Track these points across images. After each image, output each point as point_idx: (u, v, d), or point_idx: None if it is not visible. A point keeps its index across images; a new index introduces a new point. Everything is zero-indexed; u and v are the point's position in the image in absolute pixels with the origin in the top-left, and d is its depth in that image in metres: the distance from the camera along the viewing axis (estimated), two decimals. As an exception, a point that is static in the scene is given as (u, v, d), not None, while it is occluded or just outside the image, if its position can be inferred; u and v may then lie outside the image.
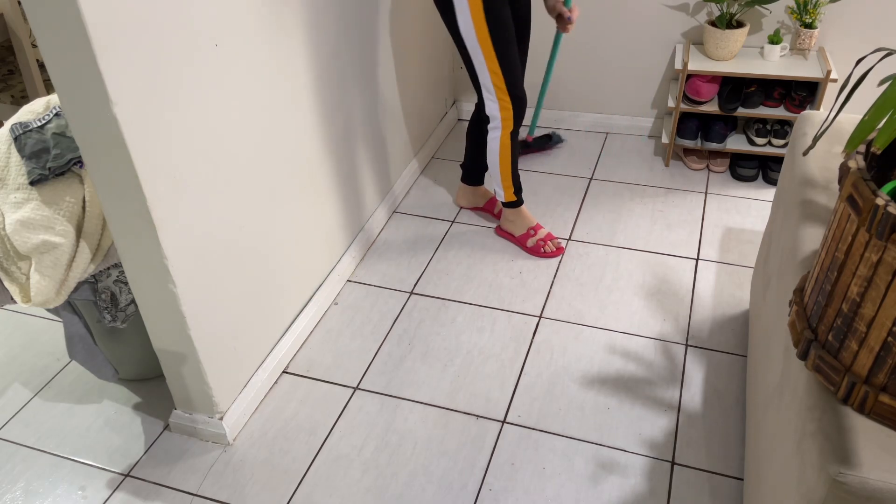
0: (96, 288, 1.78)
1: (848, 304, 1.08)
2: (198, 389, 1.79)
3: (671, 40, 2.87)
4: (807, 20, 2.59)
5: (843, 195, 1.08)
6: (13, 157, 1.69)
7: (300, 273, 2.12)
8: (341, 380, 2.03)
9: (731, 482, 1.72)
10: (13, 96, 3.41)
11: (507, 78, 2.13)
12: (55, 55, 1.31)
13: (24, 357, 2.16)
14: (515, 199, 2.42)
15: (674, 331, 2.13)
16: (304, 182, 2.05)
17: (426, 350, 2.11)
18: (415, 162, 2.87)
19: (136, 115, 1.39)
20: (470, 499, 1.71)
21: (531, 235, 2.45)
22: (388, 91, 2.52)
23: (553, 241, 2.44)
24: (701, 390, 1.94)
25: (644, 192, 2.75)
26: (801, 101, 2.65)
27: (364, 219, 2.50)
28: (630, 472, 1.75)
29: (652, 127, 3.08)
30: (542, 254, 2.43)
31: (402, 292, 2.33)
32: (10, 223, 1.66)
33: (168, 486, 1.77)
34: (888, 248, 0.99)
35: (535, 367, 2.03)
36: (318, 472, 1.79)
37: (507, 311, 2.23)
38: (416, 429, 1.88)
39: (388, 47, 2.47)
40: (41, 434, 1.92)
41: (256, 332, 1.94)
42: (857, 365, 1.09)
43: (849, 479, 1.02)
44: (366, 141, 2.41)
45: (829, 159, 1.63)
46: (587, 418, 1.88)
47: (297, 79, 1.92)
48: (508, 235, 2.52)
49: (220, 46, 1.59)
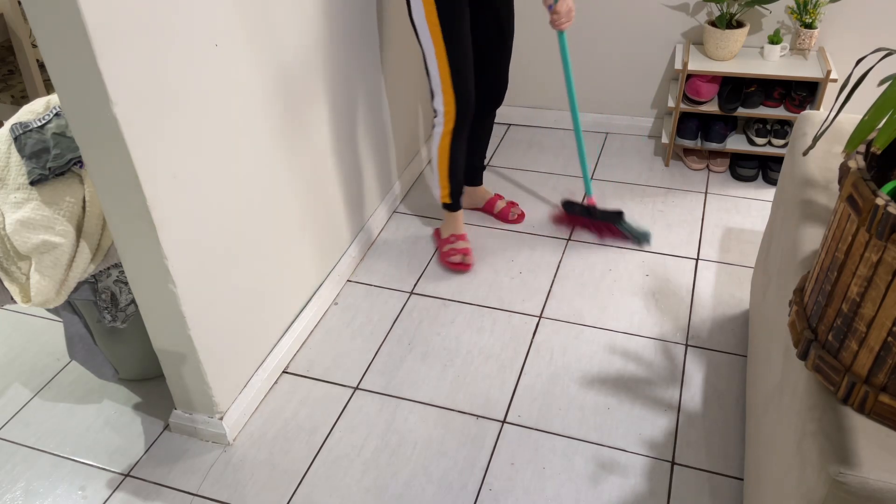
0: (96, 288, 1.78)
1: (848, 304, 1.08)
2: (198, 389, 1.79)
3: (671, 40, 2.87)
4: (807, 20, 2.59)
5: (843, 195, 1.08)
6: (13, 157, 1.70)
7: (300, 273, 2.12)
8: (341, 380, 2.03)
9: (731, 482, 1.72)
10: (13, 96, 3.41)
11: (453, 75, 2.10)
12: (55, 55, 1.31)
13: (24, 357, 2.16)
14: (450, 201, 2.37)
15: (674, 331, 2.13)
16: (305, 182, 2.05)
17: (426, 350, 2.11)
18: (415, 162, 2.87)
19: (136, 115, 1.39)
20: (470, 499, 1.71)
21: (449, 242, 2.41)
22: (388, 91, 2.52)
23: (466, 256, 2.38)
24: (701, 390, 1.94)
25: (644, 192, 2.75)
26: (801, 101, 2.65)
27: (364, 219, 2.50)
28: (630, 472, 1.75)
29: (652, 127, 3.08)
30: (448, 262, 2.39)
31: (402, 292, 2.33)
32: (10, 223, 1.66)
33: (168, 486, 1.77)
34: (888, 248, 0.99)
35: (535, 367, 2.03)
36: (318, 472, 1.79)
37: (507, 311, 2.23)
38: (416, 429, 1.88)
39: (389, 47, 2.47)
40: (41, 434, 1.92)
41: (256, 332, 1.94)
42: (857, 365, 1.09)
43: (849, 479, 1.02)
44: (366, 141, 2.41)
45: (829, 159, 1.63)
46: (587, 418, 1.88)
47: (296, 79, 1.92)
48: (437, 235, 2.51)
49: (220, 46, 1.59)
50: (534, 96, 3.17)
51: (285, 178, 1.95)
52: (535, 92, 3.16)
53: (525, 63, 3.09)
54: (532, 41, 3.03)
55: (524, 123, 3.24)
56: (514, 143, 3.10)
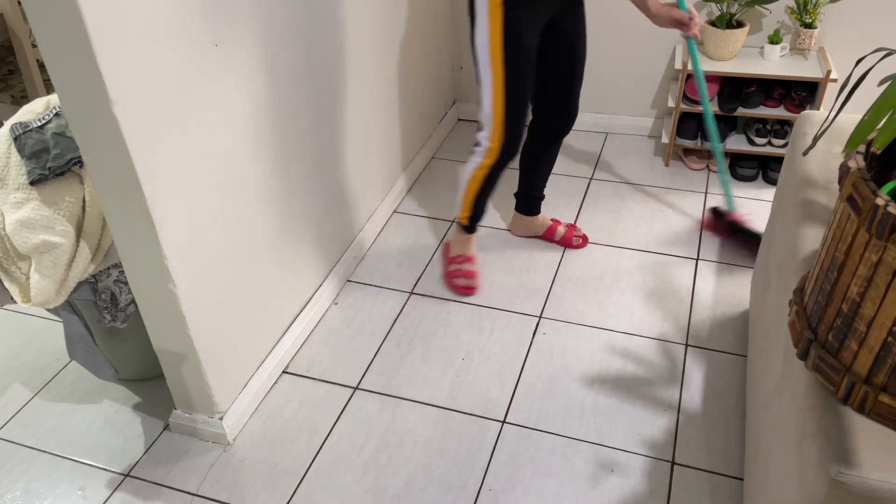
0: (96, 288, 1.78)
1: (848, 304, 1.08)
2: (198, 389, 1.79)
3: (671, 40, 2.87)
4: (807, 20, 2.59)
5: (843, 195, 1.08)
6: (13, 157, 1.69)
7: (300, 273, 2.12)
8: (341, 380, 2.03)
9: (731, 482, 1.72)
10: (13, 96, 3.41)
11: (507, 115, 1.95)
12: (55, 55, 1.31)
13: (24, 357, 2.16)
14: (468, 224, 2.26)
15: (674, 331, 2.13)
16: (304, 182, 2.05)
17: (426, 350, 2.11)
18: (415, 162, 2.87)
19: (136, 115, 1.39)
20: (470, 499, 1.71)
21: (457, 262, 2.31)
22: (388, 91, 2.52)
23: (471, 280, 2.28)
24: (701, 390, 1.94)
25: (644, 192, 2.75)
26: (801, 101, 2.65)
27: (364, 219, 2.50)
28: (630, 472, 1.75)
29: (652, 127, 3.08)
30: (453, 285, 2.29)
31: (402, 292, 2.33)
32: (10, 223, 1.66)
33: (168, 486, 1.77)
34: (888, 248, 0.99)
35: (535, 367, 2.03)
36: (318, 472, 1.79)
37: (507, 311, 2.23)
38: (416, 429, 1.88)
39: (389, 47, 2.47)
40: (41, 434, 1.92)
41: (256, 332, 1.94)
42: (857, 365, 1.09)
43: (849, 479, 1.02)
44: (366, 141, 2.41)
45: (829, 159, 1.63)
46: (587, 418, 1.88)
47: (296, 79, 1.92)
48: (446, 251, 2.39)
49: (219, 46, 1.59)
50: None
51: (285, 178, 1.95)
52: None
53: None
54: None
55: (524, 123, 3.23)
56: (514, 143, 3.10)
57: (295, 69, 1.90)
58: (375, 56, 2.38)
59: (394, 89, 2.57)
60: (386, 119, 2.54)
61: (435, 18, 2.87)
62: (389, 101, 2.55)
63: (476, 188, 2.14)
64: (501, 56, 1.86)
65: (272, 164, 1.88)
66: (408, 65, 2.67)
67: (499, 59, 1.87)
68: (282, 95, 1.86)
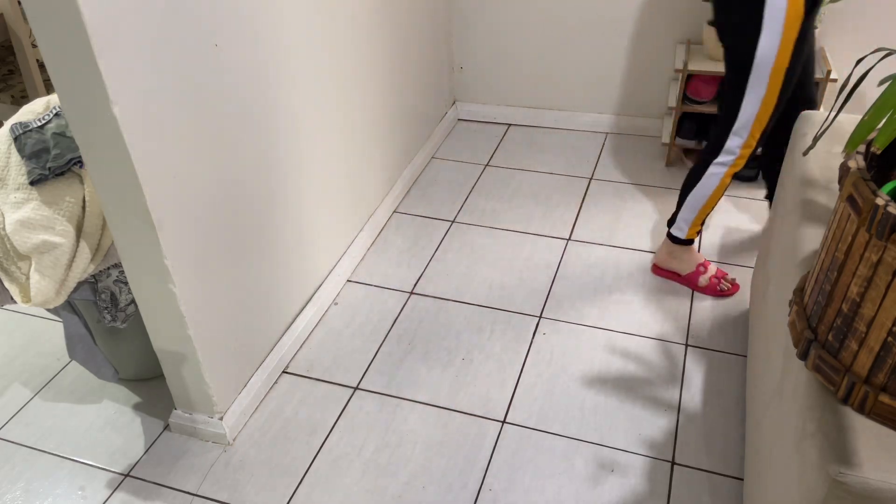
0: (96, 288, 1.78)
1: (848, 304, 1.08)
2: (198, 389, 1.79)
3: (671, 40, 2.87)
4: (807, 20, 2.59)
5: (843, 195, 1.08)
6: (13, 157, 1.70)
7: (300, 273, 2.12)
8: (341, 380, 2.03)
9: (731, 482, 1.72)
10: (13, 96, 3.41)
11: (770, 122, 1.92)
12: (55, 55, 1.31)
13: (24, 357, 2.16)
14: (695, 237, 2.24)
15: (674, 331, 2.13)
16: (304, 182, 2.05)
17: (426, 350, 2.11)
18: (415, 162, 2.87)
19: (136, 115, 1.39)
20: (470, 499, 1.71)
21: (702, 273, 2.25)
22: (388, 91, 2.52)
23: (727, 278, 2.25)
24: (701, 390, 1.94)
25: (644, 192, 2.75)
26: (801, 101, 2.65)
27: (364, 218, 2.50)
28: (630, 472, 1.75)
29: (652, 127, 3.08)
30: (719, 292, 2.24)
31: (402, 292, 2.33)
32: (10, 223, 1.66)
33: (168, 486, 1.77)
34: (888, 248, 0.99)
35: (535, 367, 2.03)
36: (318, 472, 1.79)
37: (507, 310, 2.23)
38: (416, 429, 1.88)
39: (388, 47, 2.47)
40: (41, 434, 1.92)
41: (256, 332, 1.94)
42: (857, 365, 1.09)
43: (849, 479, 1.02)
44: (366, 141, 2.41)
45: (829, 159, 1.63)
46: (587, 418, 1.88)
47: (295, 79, 1.92)
48: (671, 274, 2.31)
49: (219, 46, 1.59)
50: (534, 96, 3.17)
51: (284, 179, 1.95)
52: (535, 92, 3.16)
53: (526, 63, 3.09)
54: (533, 41, 3.03)
55: (524, 123, 3.24)
56: (514, 143, 3.10)
57: (292, 70, 1.91)
58: (375, 56, 2.38)
59: (393, 89, 2.57)
60: (386, 119, 2.54)
61: (434, 18, 2.87)
62: (389, 101, 2.55)
63: (717, 199, 2.13)
64: (787, 66, 1.84)
65: (271, 164, 1.88)
66: (408, 65, 2.67)
67: (782, 68, 1.84)
68: (280, 96, 1.86)
